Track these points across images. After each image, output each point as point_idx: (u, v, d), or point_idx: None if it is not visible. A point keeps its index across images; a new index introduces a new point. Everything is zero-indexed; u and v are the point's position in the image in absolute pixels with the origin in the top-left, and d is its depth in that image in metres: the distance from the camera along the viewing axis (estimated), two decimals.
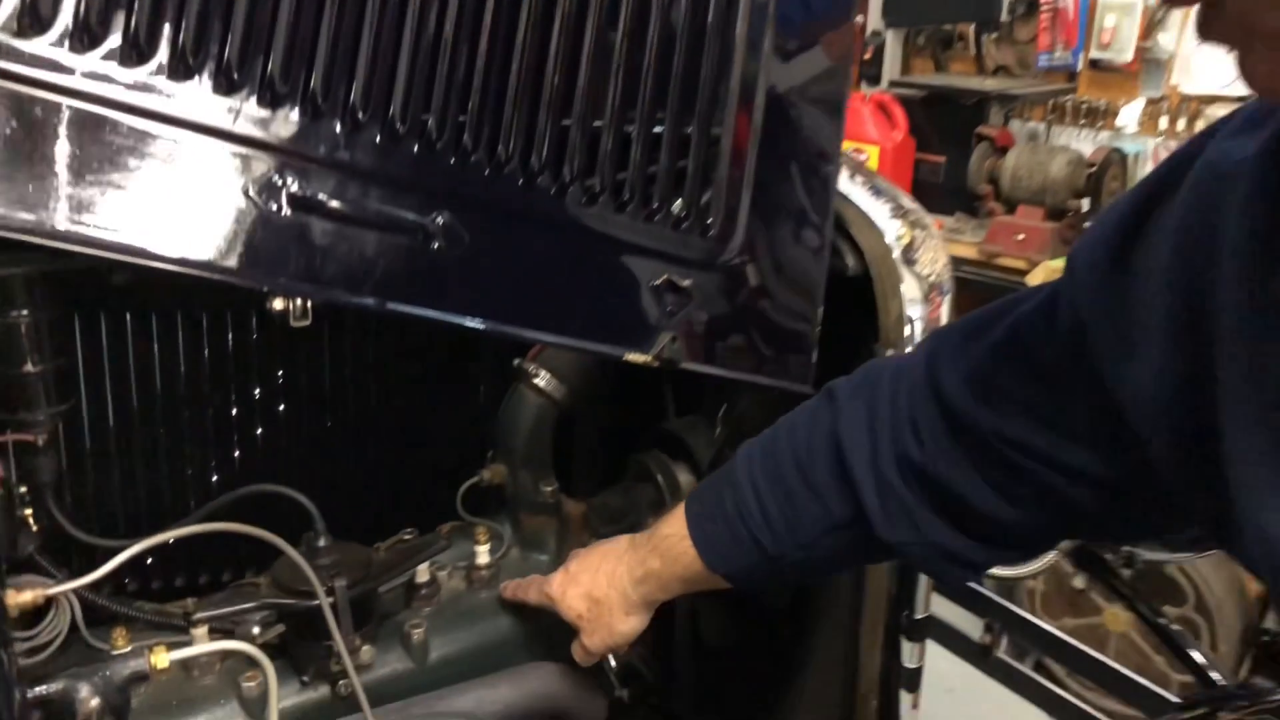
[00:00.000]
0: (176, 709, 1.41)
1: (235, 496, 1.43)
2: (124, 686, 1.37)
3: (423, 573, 1.60)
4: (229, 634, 1.44)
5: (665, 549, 1.38)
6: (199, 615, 1.37)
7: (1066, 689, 2.50)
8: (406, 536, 1.70)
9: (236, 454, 1.66)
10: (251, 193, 1.03)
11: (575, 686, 1.58)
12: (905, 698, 1.64)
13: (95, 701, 1.32)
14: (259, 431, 1.66)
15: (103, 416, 1.47)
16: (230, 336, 1.54)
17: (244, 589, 1.44)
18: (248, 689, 1.41)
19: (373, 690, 1.49)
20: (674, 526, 1.38)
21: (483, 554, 1.65)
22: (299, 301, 1.15)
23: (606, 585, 1.45)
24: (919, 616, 1.59)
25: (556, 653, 1.62)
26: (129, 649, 1.38)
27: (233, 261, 1.04)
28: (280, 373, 1.64)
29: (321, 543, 1.44)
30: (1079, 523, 1.08)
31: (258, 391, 1.63)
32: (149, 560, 1.68)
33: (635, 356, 1.36)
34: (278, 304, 1.14)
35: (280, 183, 1.04)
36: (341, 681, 1.47)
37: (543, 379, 1.71)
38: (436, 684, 1.55)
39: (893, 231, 1.50)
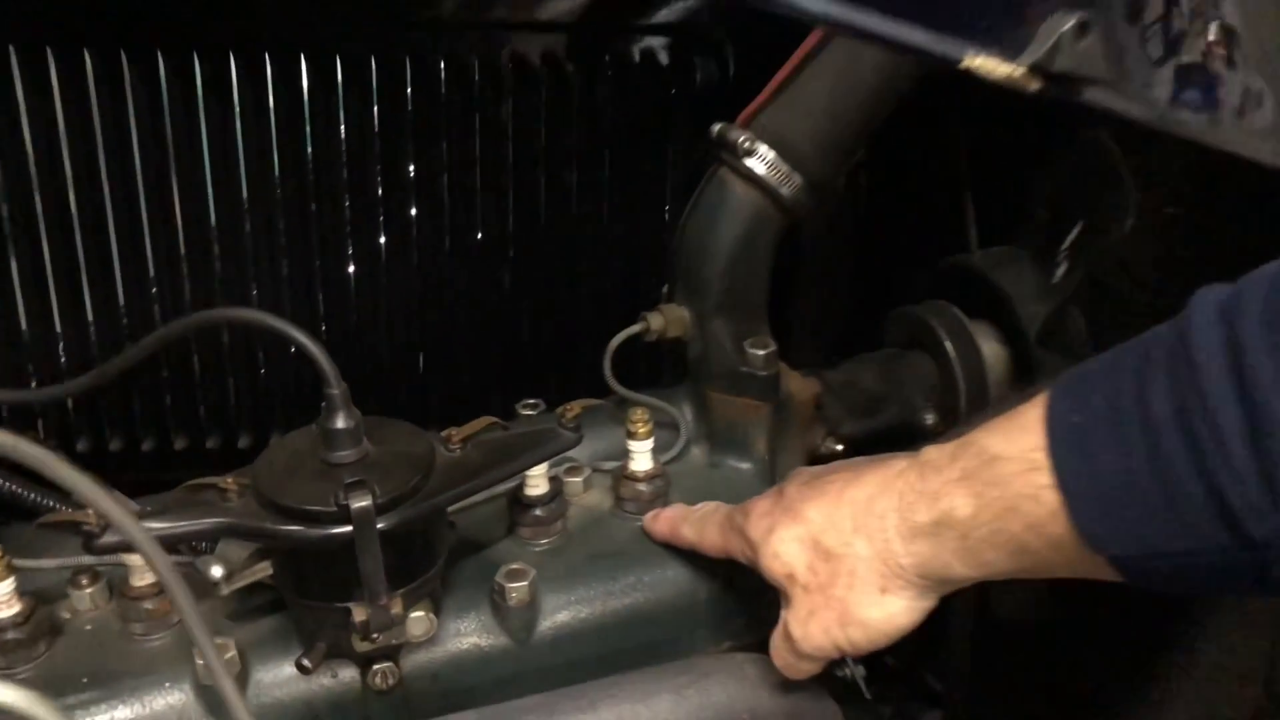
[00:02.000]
0: (86, 683, 0.79)
1: (181, 326, 0.77)
2: None
3: (536, 482, 0.92)
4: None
5: (989, 488, 0.67)
6: (104, 540, 0.73)
7: None
8: (525, 411, 1.03)
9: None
10: None
11: (792, 697, 0.88)
12: None
13: None
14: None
15: None
16: None
17: (204, 494, 0.79)
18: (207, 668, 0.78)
19: (433, 687, 0.84)
20: (1014, 444, 0.66)
21: (642, 453, 0.95)
22: None
23: (852, 532, 0.75)
24: None
25: (747, 637, 0.94)
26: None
27: None
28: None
29: (339, 421, 0.77)
30: None
31: None
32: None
33: (987, 64, 0.60)
34: None
35: None
36: (379, 667, 0.82)
37: (762, 159, 0.96)
38: (548, 680, 0.88)
39: None
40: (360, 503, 0.73)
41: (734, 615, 0.94)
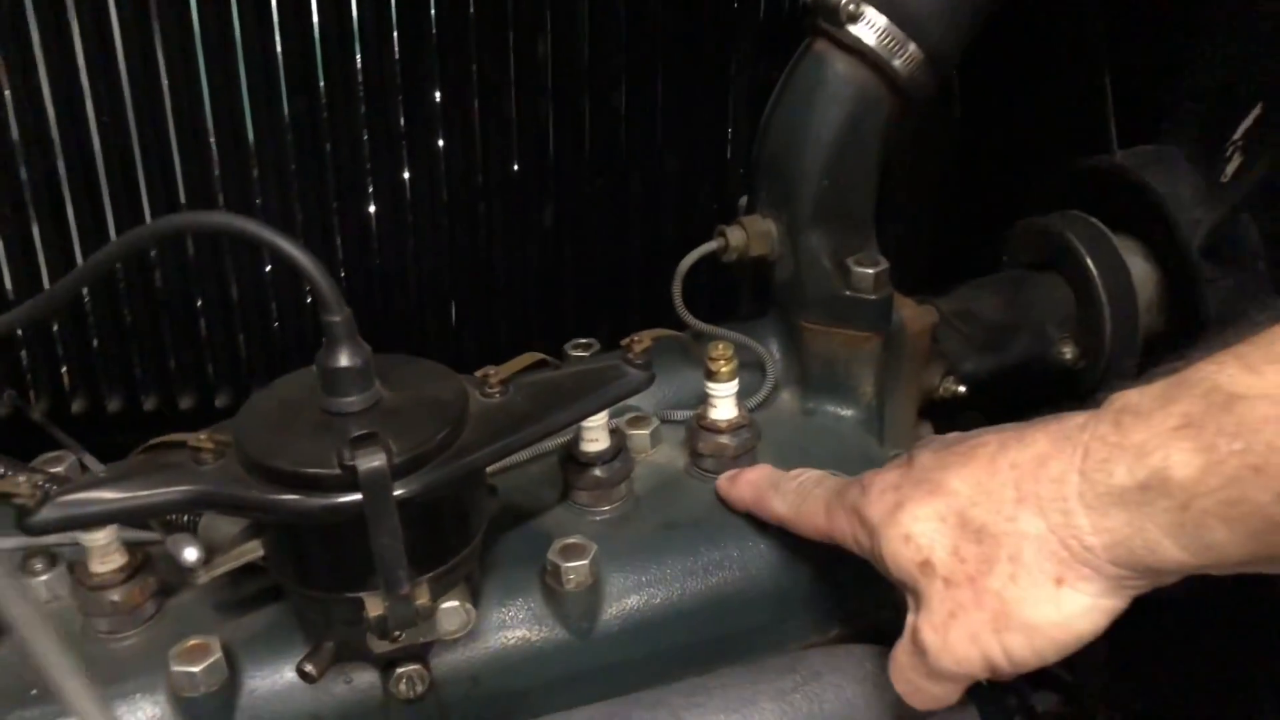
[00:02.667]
0: (35, 696, 0.62)
1: (136, 237, 0.59)
2: None
3: (594, 435, 0.74)
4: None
5: (1225, 439, 0.49)
6: (42, 514, 0.55)
7: None
8: (576, 353, 0.84)
9: None
10: None
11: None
12: None
13: None
14: None
15: None
16: None
17: (173, 455, 0.61)
18: (185, 674, 0.61)
19: (473, 692, 0.67)
20: (1264, 379, 0.49)
21: (724, 398, 0.77)
22: None
23: (1016, 504, 0.56)
24: None
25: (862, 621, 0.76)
26: None
27: None
28: None
29: (342, 358, 0.58)
30: None
31: None
32: None
33: None
34: None
35: None
36: (404, 670, 0.65)
37: (870, 25, 0.77)
38: (616, 680, 0.70)
39: None
40: (371, 462, 0.55)
41: (847, 595, 0.75)
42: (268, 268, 1.05)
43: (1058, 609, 0.55)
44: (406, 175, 1.06)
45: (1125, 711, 1.15)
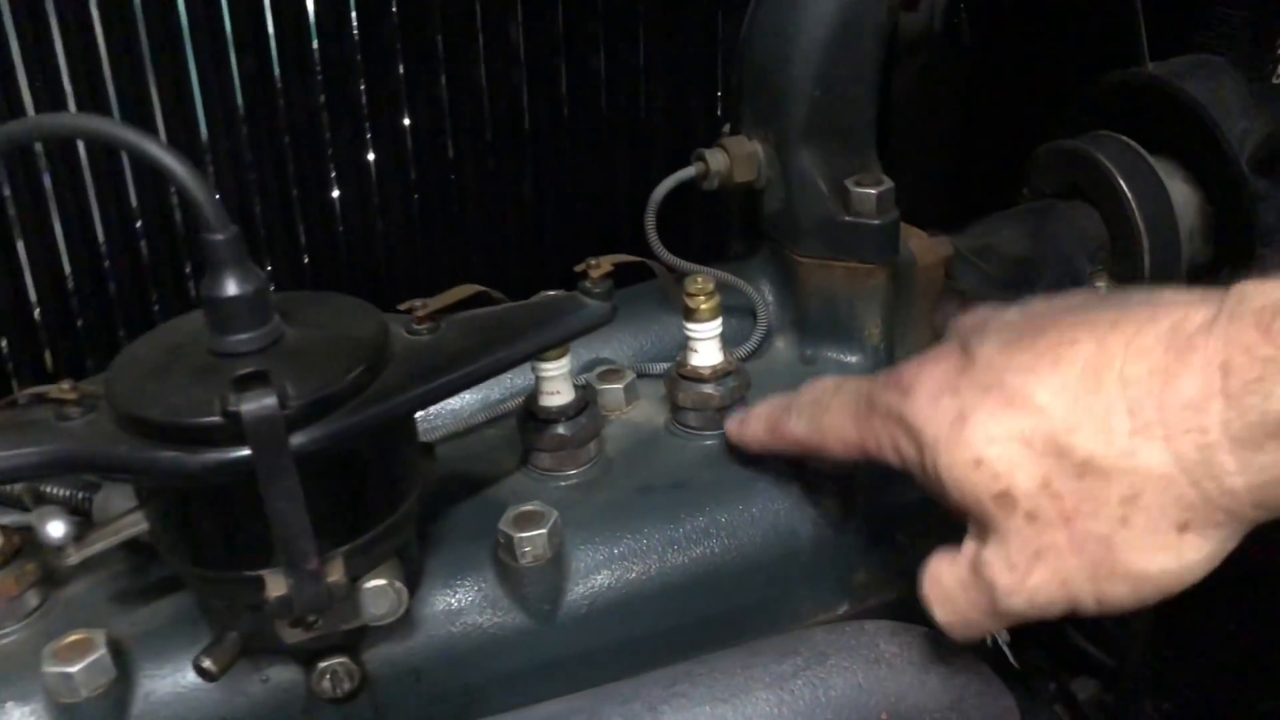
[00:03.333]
0: None
1: None
2: None
3: (555, 386, 0.64)
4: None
5: None
6: None
7: None
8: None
9: None
10: None
11: (952, 685, 0.59)
12: None
13: None
14: None
15: None
16: None
17: (33, 410, 0.51)
18: (61, 676, 0.51)
19: (416, 689, 0.57)
20: None
21: (706, 340, 0.66)
22: None
23: (1133, 433, 0.45)
24: None
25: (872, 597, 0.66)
26: None
27: None
28: None
29: (229, 286, 0.48)
30: None
31: None
32: None
33: None
34: None
35: None
36: (327, 664, 0.54)
37: None
38: (586, 670, 0.59)
39: None
40: (259, 406, 0.45)
41: (853, 563, 0.65)
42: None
43: (1178, 558, 0.45)
44: (371, 157, 0.97)
45: (1174, 700, 1.04)
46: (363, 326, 0.52)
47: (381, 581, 0.52)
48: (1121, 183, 0.80)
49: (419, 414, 0.55)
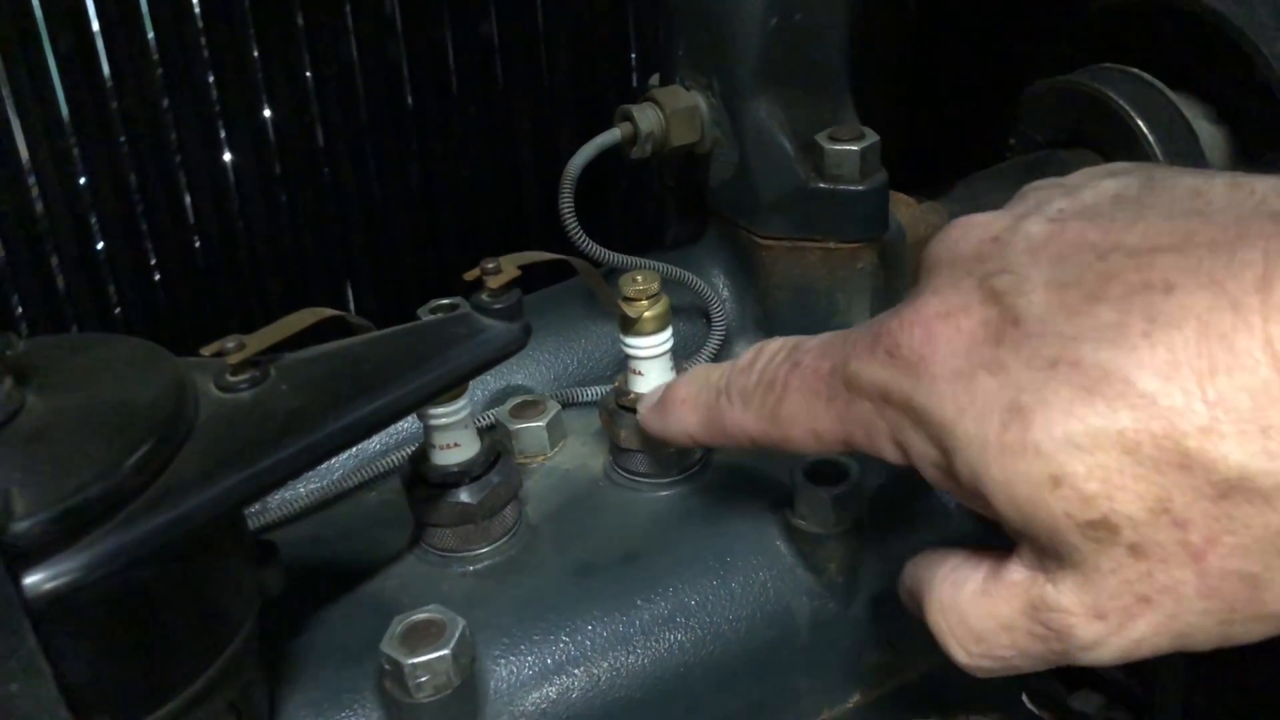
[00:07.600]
0: None
1: None
2: None
3: (450, 436, 0.46)
4: None
5: None
6: None
7: None
8: (434, 316, 0.56)
9: None
10: None
11: None
12: None
13: None
14: None
15: None
16: None
17: None
18: None
19: None
20: None
21: (649, 357, 0.49)
22: None
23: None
24: None
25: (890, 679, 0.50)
26: None
27: None
28: None
29: None
30: None
31: None
32: None
33: None
34: None
35: None
36: None
37: None
38: None
39: None
40: None
41: (862, 640, 0.49)
42: None
43: None
44: (228, 158, 0.81)
45: None
46: (145, 385, 0.35)
47: None
48: (1140, 124, 0.65)
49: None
